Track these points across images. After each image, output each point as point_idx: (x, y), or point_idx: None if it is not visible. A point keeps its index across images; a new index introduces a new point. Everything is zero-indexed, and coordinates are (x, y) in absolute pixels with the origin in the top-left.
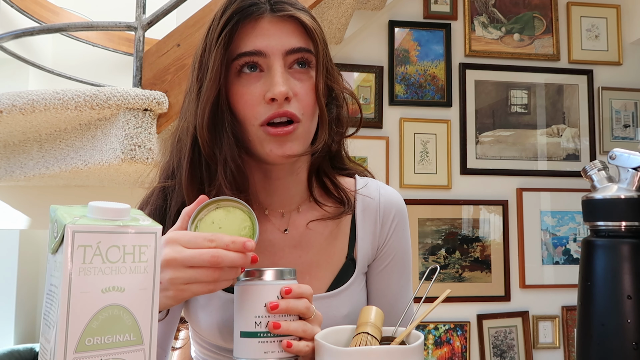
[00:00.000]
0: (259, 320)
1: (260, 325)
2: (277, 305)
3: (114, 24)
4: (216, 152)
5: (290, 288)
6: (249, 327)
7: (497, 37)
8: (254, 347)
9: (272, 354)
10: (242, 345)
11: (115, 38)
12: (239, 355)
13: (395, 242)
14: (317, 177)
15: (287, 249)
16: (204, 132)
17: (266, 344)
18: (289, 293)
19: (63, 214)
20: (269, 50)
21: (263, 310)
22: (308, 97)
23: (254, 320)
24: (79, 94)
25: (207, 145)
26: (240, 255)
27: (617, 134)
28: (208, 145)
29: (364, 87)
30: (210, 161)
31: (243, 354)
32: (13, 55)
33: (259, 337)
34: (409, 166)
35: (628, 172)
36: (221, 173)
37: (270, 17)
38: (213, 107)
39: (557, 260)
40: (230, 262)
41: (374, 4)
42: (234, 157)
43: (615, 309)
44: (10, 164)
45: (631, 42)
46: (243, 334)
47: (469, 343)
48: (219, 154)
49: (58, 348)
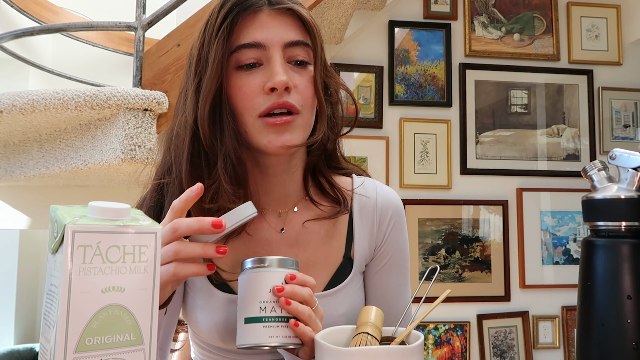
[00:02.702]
0: (264, 306)
1: (265, 310)
2: (283, 288)
3: (114, 24)
4: (217, 145)
5: (295, 274)
6: (254, 313)
7: (497, 37)
8: (259, 332)
9: (276, 339)
10: (247, 331)
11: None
12: (242, 342)
13: (392, 241)
14: (313, 177)
15: (284, 248)
16: (205, 126)
17: (271, 329)
18: (293, 279)
19: (63, 214)
20: (268, 42)
21: (268, 295)
22: (307, 89)
23: (259, 306)
24: (79, 94)
25: (208, 138)
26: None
27: (617, 134)
28: (209, 138)
29: (364, 87)
30: (212, 155)
31: (247, 339)
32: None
33: (264, 321)
34: (409, 166)
35: (628, 172)
36: (221, 166)
37: (268, 10)
38: (214, 100)
39: (557, 260)
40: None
41: (374, 4)
42: (235, 149)
43: (615, 309)
44: (10, 164)
45: (631, 42)
46: (247, 320)
47: (469, 343)
48: (220, 146)
49: (58, 348)
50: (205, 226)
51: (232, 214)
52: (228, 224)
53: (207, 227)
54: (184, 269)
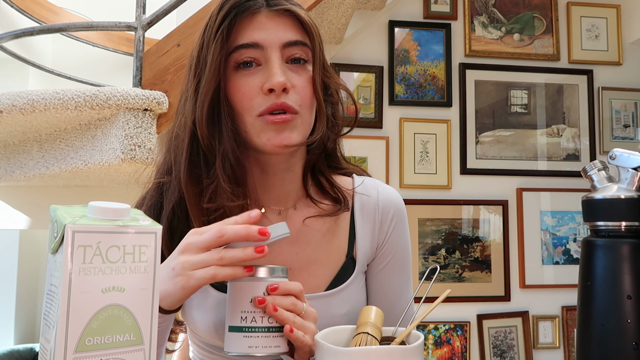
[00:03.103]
0: (245, 315)
1: (245, 320)
2: (264, 300)
3: (114, 24)
4: (215, 145)
5: (276, 286)
6: (235, 322)
7: (497, 37)
8: (240, 341)
9: (255, 349)
10: (230, 339)
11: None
12: (228, 350)
13: (394, 241)
14: (313, 176)
15: (284, 246)
16: (203, 126)
17: (250, 339)
18: (274, 291)
19: (63, 214)
20: (266, 43)
21: (249, 306)
22: (306, 89)
23: (240, 315)
24: (79, 94)
25: (206, 138)
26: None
27: (617, 134)
28: (207, 138)
29: (364, 87)
30: (210, 155)
31: (230, 347)
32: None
33: (244, 331)
34: (409, 166)
35: (628, 172)
36: (219, 167)
37: (267, 12)
38: (212, 101)
39: (557, 260)
40: (234, 232)
41: (374, 4)
42: (233, 150)
43: (615, 309)
44: (10, 164)
45: (631, 42)
46: (230, 329)
47: (469, 343)
48: (218, 147)
49: (58, 348)
50: (252, 233)
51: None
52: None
53: (254, 235)
54: (223, 271)
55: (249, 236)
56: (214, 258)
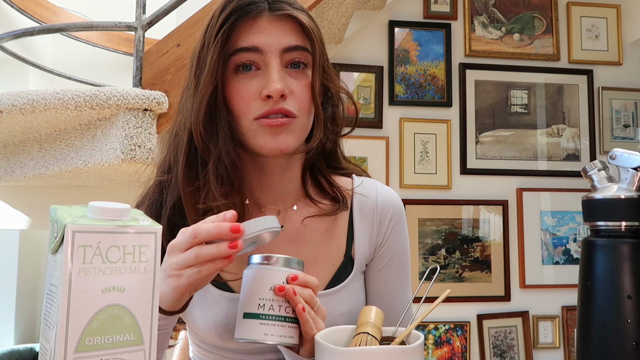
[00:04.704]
0: (263, 303)
1: (263, 307)
2: (284, 287)
3: (114, 24)
4: (211, 147)
5: (296, 275)
6: (252, 309)
7: (497, 37)
8: (255, 328)
9: (271, 337)
10: (244, 325)
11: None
12: (239, 336)
13: (393, 241)
14: (312, 175)
15: (284, 245)
16: (200, 127)
17: (267, 326)
18: (295, 280)
19: (63, 214)
20: (266, 48)
21: (269, 293)
22: (304, 94)
23: (258, 302)
24: (79, 94)
25: (202, 140)
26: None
27: (617, 134)
28: (203, 140)
29: (364, 87)
30: (205, 156)
31: (244, 334)
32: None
33: (261, 318)
34: (409, 166)
35: (628, 172)
36: (212, 167)
37: (268, 16)
38: (209, 103)
39: (557, 260)
40: (206, 232)
41: (374, 4)
42: (228, 152)
43: (615, 309)
44: (10, 164)
45: (631, 42)
46: (246, 315)
47: (469, 343)
48: (213, 149)
49: (58, 348)
50: (223, 231)
51: (253, 223)
52: (247, 231)
53: (226, 232)
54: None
55: (220, 234)
56: (191, 257)
